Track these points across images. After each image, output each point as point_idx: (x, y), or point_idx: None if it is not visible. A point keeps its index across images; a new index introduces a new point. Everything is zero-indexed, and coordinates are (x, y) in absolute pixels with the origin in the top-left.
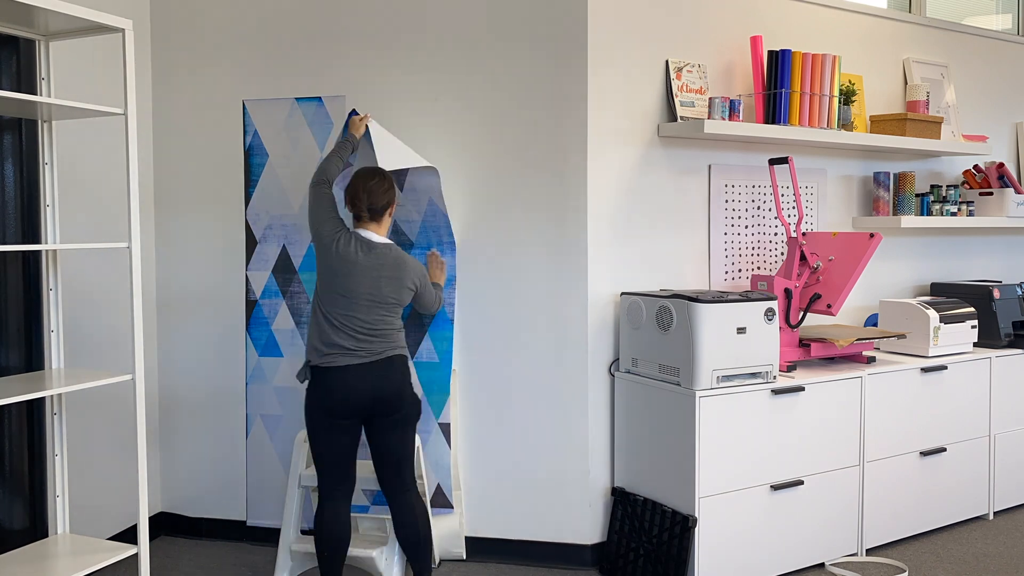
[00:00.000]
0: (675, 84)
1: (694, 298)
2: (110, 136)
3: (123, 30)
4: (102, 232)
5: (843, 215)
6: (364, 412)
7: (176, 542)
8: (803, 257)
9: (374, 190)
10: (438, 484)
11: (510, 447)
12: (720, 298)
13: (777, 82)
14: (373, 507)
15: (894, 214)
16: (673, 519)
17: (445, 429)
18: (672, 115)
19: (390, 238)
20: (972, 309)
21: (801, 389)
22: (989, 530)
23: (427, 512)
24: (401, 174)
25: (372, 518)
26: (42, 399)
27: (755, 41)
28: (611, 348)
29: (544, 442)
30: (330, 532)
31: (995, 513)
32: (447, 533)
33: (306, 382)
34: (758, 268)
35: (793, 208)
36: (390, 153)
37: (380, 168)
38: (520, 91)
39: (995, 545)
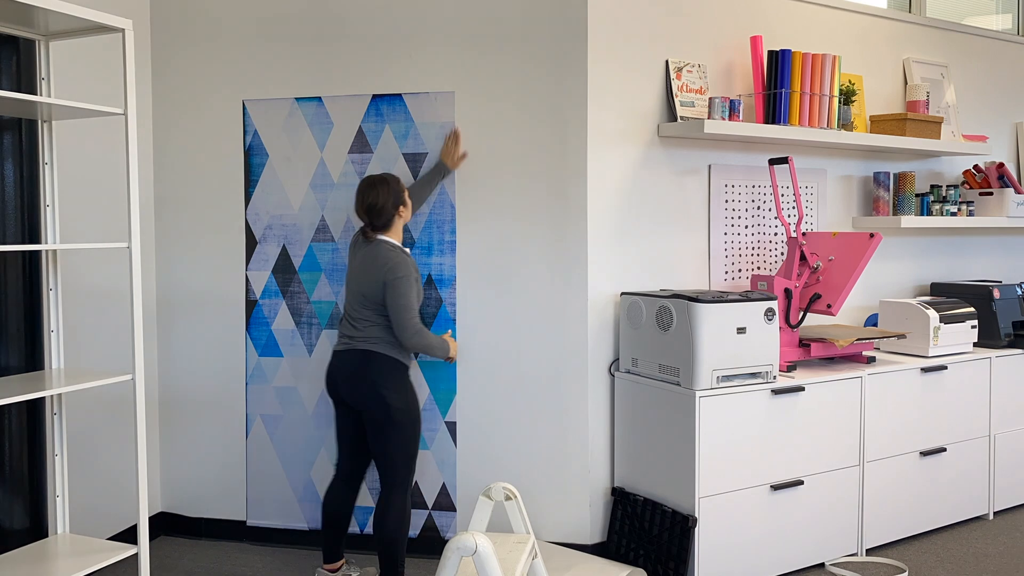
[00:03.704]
0: (675, 84)
1: (694, 298)
2: (110, 136)
3: (123, 30)
4: (102, 232)
5: (843, 215)
6: (340, 398)
7: (176, 542)
8: (803, 257)
9: (371, 203)
10: (443, 483)
11: (510, 446)
12: (720, 298)
13: (777, 82)
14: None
15: (894, 214)
16: (673, 519)
17: (451, 427)
18: (672, 115)
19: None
20: (972, 309)
21: (801, 389)
22: (989, 530)
23: (403, 515)
24: (421, 160)
25: None
26: (42, 399)
27: (755, 41)
28: (611, 348)
29: (544, 442)
30: (324, 508)
31: (995, 513)
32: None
33: None
34: (758, 268)
35: (793, 208)
36: None
37: (382, 175)
38: (520, 91)
39: (995, 545)
